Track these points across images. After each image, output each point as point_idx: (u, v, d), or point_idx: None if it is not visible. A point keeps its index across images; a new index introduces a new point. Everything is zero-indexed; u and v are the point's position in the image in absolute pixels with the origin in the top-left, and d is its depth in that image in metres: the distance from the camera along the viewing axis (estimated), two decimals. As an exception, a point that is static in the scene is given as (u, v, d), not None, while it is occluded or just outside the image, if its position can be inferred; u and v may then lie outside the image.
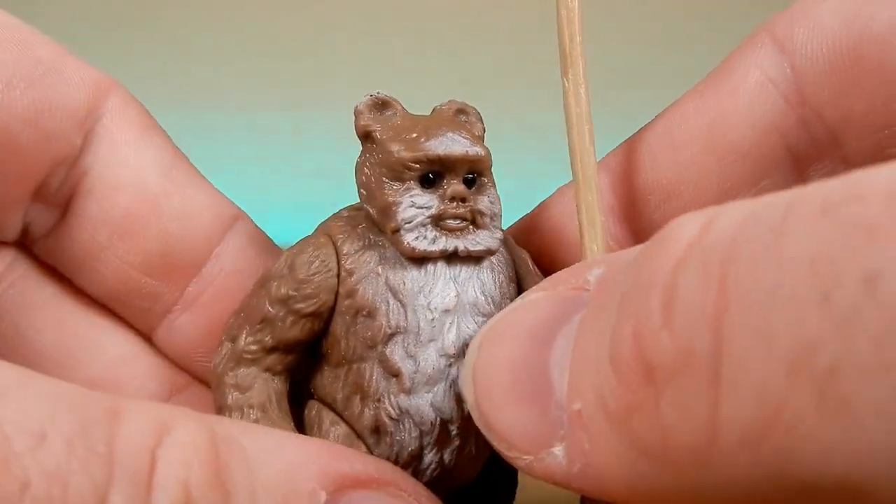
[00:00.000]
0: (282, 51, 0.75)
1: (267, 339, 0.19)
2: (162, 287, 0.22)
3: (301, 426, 0.19)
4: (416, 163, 0.18)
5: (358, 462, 0.16)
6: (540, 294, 0.16)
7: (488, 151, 0.19)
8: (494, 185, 0.19)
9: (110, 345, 0.22)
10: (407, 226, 0.18)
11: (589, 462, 0.14)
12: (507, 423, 0.15)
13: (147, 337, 0.23)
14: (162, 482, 0.13)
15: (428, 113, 0.20)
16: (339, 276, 0.18)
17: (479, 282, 0.19)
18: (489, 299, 0.19)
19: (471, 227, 0.19)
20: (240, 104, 0.73)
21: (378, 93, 0.19)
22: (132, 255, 0.21)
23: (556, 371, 0.15)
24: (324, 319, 0.19)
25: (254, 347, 0.19)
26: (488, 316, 0.18)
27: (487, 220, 0.19)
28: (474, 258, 0.19)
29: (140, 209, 0.21)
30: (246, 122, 0.73)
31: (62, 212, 0.22)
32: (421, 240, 0.18)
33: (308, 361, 0.19)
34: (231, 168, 0.24)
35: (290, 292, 0.18)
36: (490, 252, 0.19)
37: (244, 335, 0.19)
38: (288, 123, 0.74)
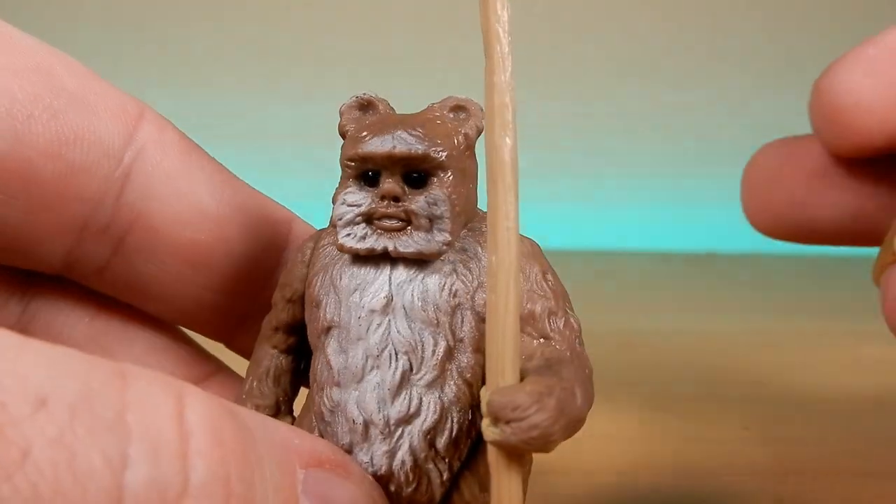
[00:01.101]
0: (288, 52, 0.75)
1: (272, 320, 0.21)
2: (235, 301, 0.23)
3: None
4: (350, 160, 0.18)
5: (318, 444, 0.17)
6: None
7: (436, 150, 0.18)
8: (454, 185, 0.18)
9: (140, 337, 0.23)
10: (339, 222, 0.18)
11: None
12: None
13: (227, 342, 0.24)
14: (199, 451, 0.13)
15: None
16: (308, 266, 0.20)
17: (422, 286, 0.18)
18: (430, 306, 0.18)
19: (409, 227, 0.18)
20: (243, 98, 0.73)
21: (364, 94, 0.20)
22: (207, 280, 0.22)
23: None
24: (300, 306, 0.20)
25: (266, 327, 0.21)
26: (427, 324, 0.18)
27: (424, 220, 0.18)
28: (420, 261, 0.18)
29: (208, 238, 0.22)
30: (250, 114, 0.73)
31: (115, 247, 0.21)
32: (351, 237, 0.18)
33: None
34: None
35: (283, 280, 0.20)
36: (423, 255, 0.18)
37: (267, 317, 0.21)
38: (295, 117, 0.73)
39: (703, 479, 0.29)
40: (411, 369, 0.18)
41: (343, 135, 0.19)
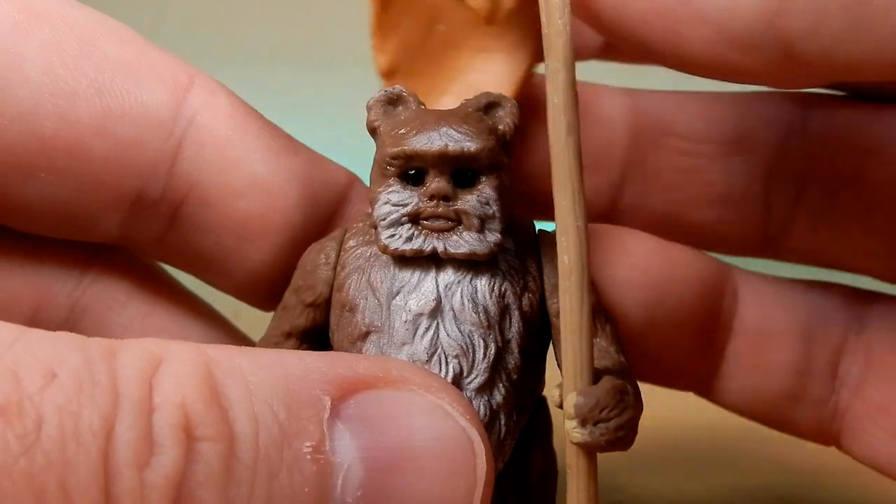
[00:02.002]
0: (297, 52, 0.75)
1: (284, 325, 0.19)
2: (292, 271, 0.22)
3: None
4: (395, 158, 0.18)
5: (360, 364, 0.16)
6: None
7: (487, 148, 0.18)
8: (499, 186, 0.18)
9: (193, 333, 0.23)
10: (382, 223, 0.18)
11: None
12: None
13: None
14: (160, 405, 0.14)
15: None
16: (335, 269, 0.19)
17: (471, 288, 0.18)
18: (480, 308, 0.18)
19: (458, 227, 0.18)
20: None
21: (392, 88, 0.19)
22: (263, 254, 0.21)
23: None
24: (323, 311, 0.19)
25: (276, 332, 0.20)
26: (478, 326, 0.17)
27: (476, 220, 0.18)
28: (466, 261, 0.18)
29: (262, 209, 0.21)
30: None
31: (170, 219, 0.21)
32: (396, 238, 0.18)
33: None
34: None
35: (300, 283, 0.19)
36: (476, 256, 0.18)
37: (273, 320, 0.20)
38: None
39: (703, 479, 0.29)
40: (462, 373, 0.17)
41: (373, 131, 0.19)
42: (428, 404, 0.16)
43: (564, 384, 0.17)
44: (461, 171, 0.18)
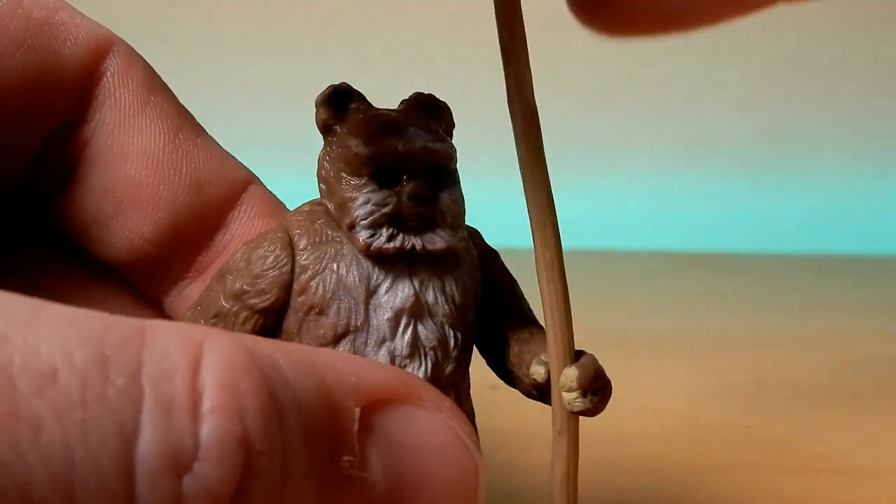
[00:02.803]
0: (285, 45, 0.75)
1: (211, 308, 0.19)
2: (173, 256, 0.22)
3: None
4: (374, 158, 0.18)
5: (382, 375, 0.15)
6: None
7: (452, 148, 0.18)
8: (458, 183, 0.19)
9: (119, 310, 0.22)
10: (362, 222, 0.18)
11: None
12: None
13: (157, 302, 0.22)
14: (211, 409, 0.12)
15: (395, 105, 0.19)
16: (293, 271, 0.18)
17: (440, 282, 0.18)
18: (450, 300, 0.18)
19: (433, 225, 0.18)
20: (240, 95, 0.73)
21: (340, 84, 0.19)
22: (142, 227, 0.21)
23: None
24: (276, 316, 0.18)
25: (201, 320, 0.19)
26: (448, 318, 0.18)
27: (449, 218, 0.18)
28: (435, 257, 0.18)
29: (148, 179, 0.21)
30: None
31: (69, 178, 0.21)
32: (377, 237, 0.18)
33: None
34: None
35: (245, 287, 0.18)
36: (450, 251, 0.18)
37: (195, 310, 0.19)
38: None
39: (703, 478, 0.29)
40: (437, 363, 0.18)
41: (326, 128, 0.19)
42: (442, 425, 0.16)
43: (554, 363, 0.18)
44: (433, 170, 0.18)
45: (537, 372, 0.18)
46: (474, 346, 0.20)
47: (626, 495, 0.28)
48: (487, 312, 0.19)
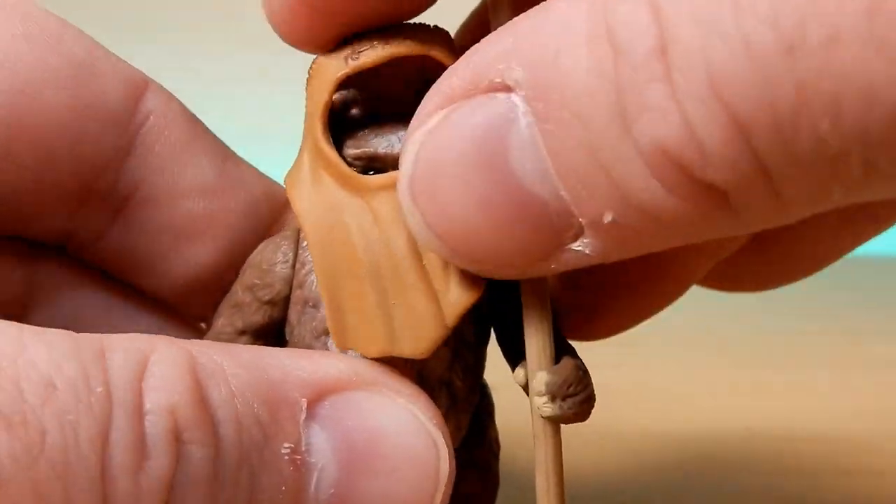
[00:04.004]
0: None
1: (238, 322, 0.19)
2: (229, 278, 0.22)
3: None
4: (357, 159, 0.18)
5: (335, 366, 0.16)
6: (441, 115, 0.15)
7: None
8: None
9: (145, 318, 0.23)
10: None
11: (632, 246, 0.14)
12: (504, 251, 0.15)
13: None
14: (151, 409, 0.14)
15: None
16: (294, 266, 0.19)
17: None
18: None
19: None
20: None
21: (346, 91, 0.19)
22: (201, 257, 0.22)
23: (534, 184, 0.14)
24: (281, 308, 0.19)
25: (228, 329, 0.20)
26: None
27: None
28: None
29: (206, 211, 0.21)
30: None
31: (113, 217, 0.21)
32: None
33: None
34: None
35: (255, 280, 0.19)
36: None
37: (222, 317, 0.20)
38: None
39: (703, 478, 0.29)
40: (423, 362, 0.18)
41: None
42: (398, 408, 0.16)
43: (529, 365, 0.18)
44: None
45: (517, 375, 0.18)
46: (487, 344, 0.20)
47: (626, 496, 0.28)
48: (492, 308, 0.19)
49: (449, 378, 0.18)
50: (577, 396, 0.17)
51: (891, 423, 0.35)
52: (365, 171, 0.18)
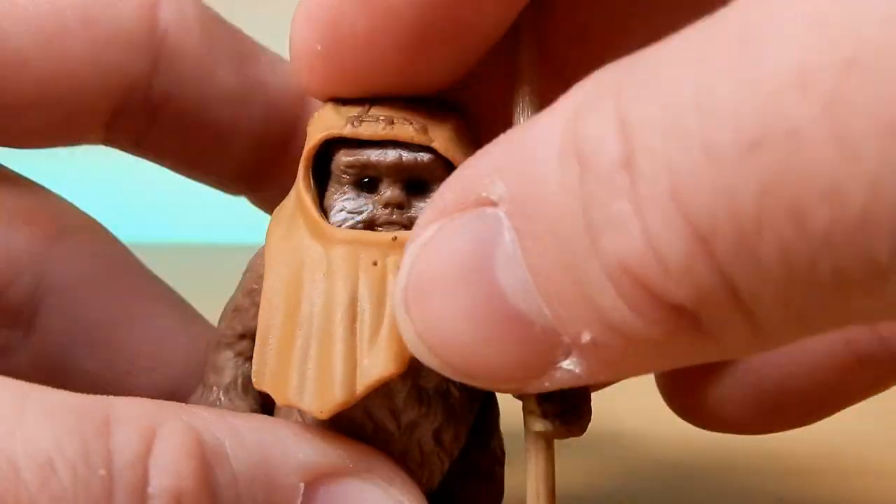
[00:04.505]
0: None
1: (237, 326, 0.20)
2: (259, 170, 0.24)
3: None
4: (350, 167, 0.18)
5: (334, 451, 0.17)
6: (434, 228, 0.15)
7: (433, 158, 0.18)
8: None
9: (158, 316, 0.23)
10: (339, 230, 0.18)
11: (618, 368, 0.14)
12: (494, 366, 0.14)
13: (249, 194, 0.25)
14: (154, 494, 0.14)
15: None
16: None
17: None
18: None
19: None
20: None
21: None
22: (235, 155, 0.23)
23: (519, 301, 0.14)
24: None
25: (228, 333, 0.20)
26: None
27: None
28: None
29: (231, 116, 0.23)
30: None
31: (149, 125, 0.23)
32: None
33: None
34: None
35: (253, 286, 0.19)
36: None
37: (225, 321, 0.20)
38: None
39: (702, 478, 0.29)
40: (418, 372, 0.18)
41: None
42: (389, 499, 0.17)
43: None
44: (413, 180, 0.18)
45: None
46: None
47: (625, 496, 0.28)
48: None
49: (446, 388, 0.18)
50: (569, 414, 0.17)
51: (892, 420, 0.35)
52: (359, 180, 0.18)
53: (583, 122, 0.12)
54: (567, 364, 0.14)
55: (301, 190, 0.18)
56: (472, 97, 0.20)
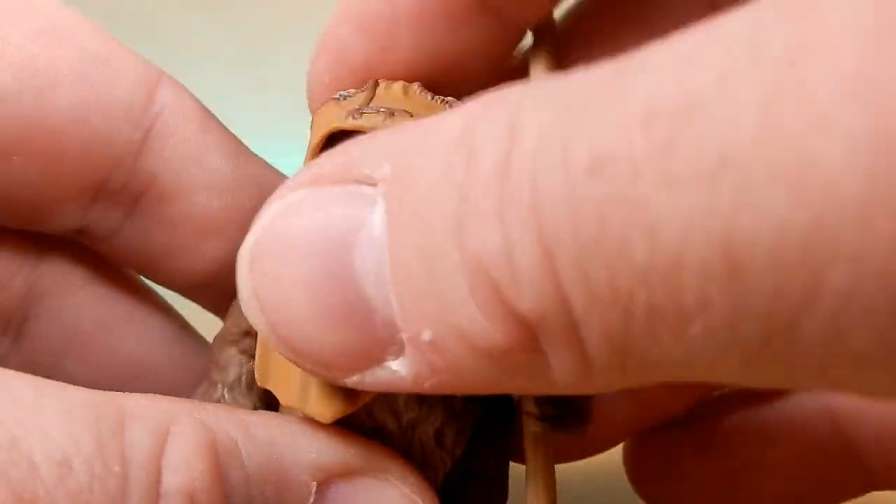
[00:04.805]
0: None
1: (242, 322, 0.19)
2: None
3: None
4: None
5: (346, 450, 0.17)
6: (303, 193, 0.14)
7: None
8: None
9: (151, 327, 0.23)
10: None
11: (443, 379, 0.13)
12: (317, 345, 0.14)
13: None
14: (167, 492, 0.14)
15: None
16: None
17: None
18: None
19: None
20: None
21: (349, 92, 0.19)
22: (216, 252, 0.21)
23: (369, 285, 0.13)
24: None
25: (234, 330, 0.20)
26: None
27: None
28: None
29: (220, 207, 0.21)
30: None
31: (128, 211, 0.21)
32: None
33: None
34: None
35: None
36: None
37: (230, 318, 0.20)
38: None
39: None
40: None
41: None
42: (401, 498, 0.17)
43: None
44: None
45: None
46: None
47: (622, 492, 0.28)
48: None
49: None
50: (569, 417, 0.17)
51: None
52: None
53: (481, 121, 0.12)
54: (394, 364, 0.14)
55: None
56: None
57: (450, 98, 0.19)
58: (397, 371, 0.14)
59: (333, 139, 0.18)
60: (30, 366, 0.21)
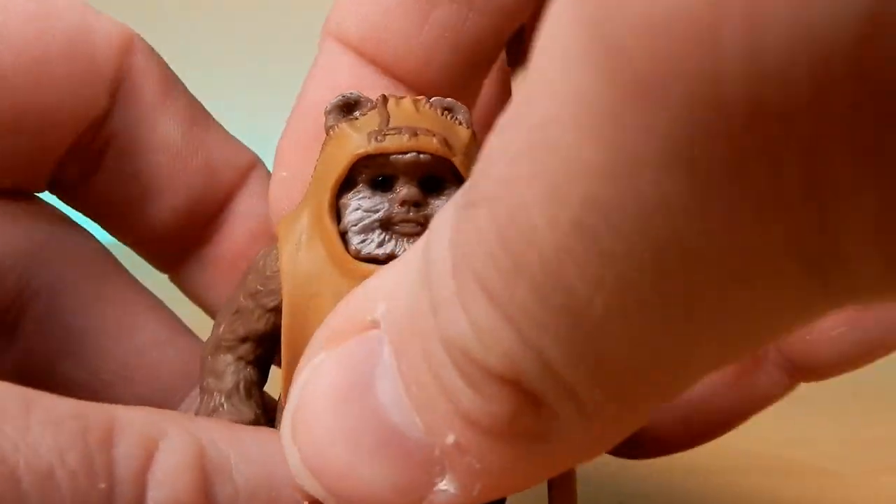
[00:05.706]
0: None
1: (239, 329, 0.19)
2: (187, 234, 0.23)
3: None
4: (365, 167, 0.18)
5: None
6: (323, 355, 0.15)
7: (452, 155, 0.18)
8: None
9: (145, 327, 0.23)
10: (354, 228, 0.18)
11: (488, 479, 0.14)
12: (370, 489, 0.14)
13: (173, 273, 0.25)
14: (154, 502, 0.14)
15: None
16: None
17: None
18: None
19: (424, 230, 0.17)
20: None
21: (350, 93, 0.19)
22: (163, 210, 0.23)
23: (394, 414, 0.14)
24: None
25: (229, 336, 0.19)
26: None
27: None
28: None
29: (169, 167, 0.23)
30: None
31: (94, 165, 0.22)
32: (368, 243, 0.18)
33: None
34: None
35: (259, 287, 0.19)
36: None
37: (224, 324, 0.19)
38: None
39: (702, 478, 0.29)
40: None
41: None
42: None
43: None
44: (429, 177, 0.18)
45: None
46: None
47: (625, 496, 0.28)
48: None
49: None
50: None
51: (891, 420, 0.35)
52: (374, 179, 0.18)
53: (433, 237, 0.13)
54: (443, 485, 0.14)
55: (325, 219, 0.18)
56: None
57: (455, 106, 0.19)
58: (447, 490, 0.14)
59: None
60: (23, 366, 0.21)
